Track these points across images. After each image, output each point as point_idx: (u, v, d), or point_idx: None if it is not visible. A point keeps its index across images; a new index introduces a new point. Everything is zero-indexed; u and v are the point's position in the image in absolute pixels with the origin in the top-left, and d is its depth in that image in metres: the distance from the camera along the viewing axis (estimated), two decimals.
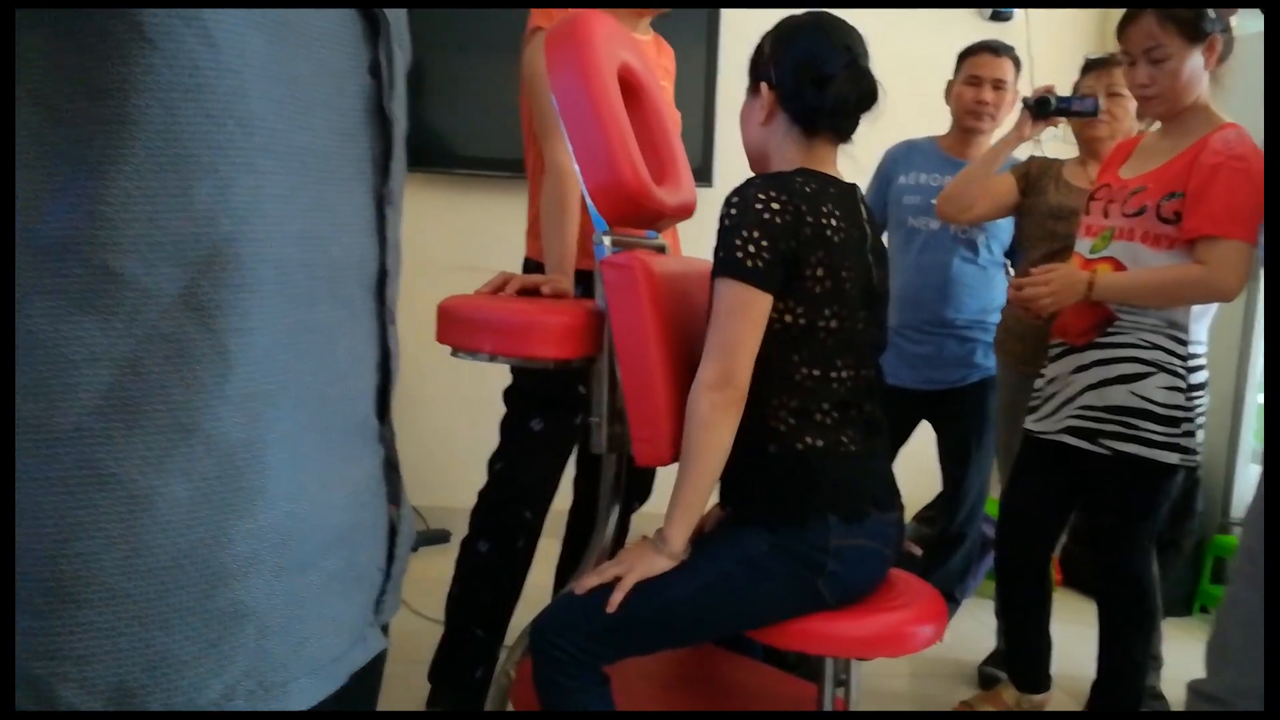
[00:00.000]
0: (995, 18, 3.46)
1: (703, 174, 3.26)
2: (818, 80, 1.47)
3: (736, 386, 1.40)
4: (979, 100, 2.39)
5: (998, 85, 2.38)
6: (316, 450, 0.66)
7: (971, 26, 3.47)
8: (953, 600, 2.68)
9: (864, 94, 1.49)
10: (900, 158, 2.59)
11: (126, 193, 0.57)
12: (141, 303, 0.57)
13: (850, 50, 1.49)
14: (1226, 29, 1.83)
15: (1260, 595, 1.34)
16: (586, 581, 1.42)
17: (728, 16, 3.26)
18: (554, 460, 1.96)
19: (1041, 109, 2.16)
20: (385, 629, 0.78)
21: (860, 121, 1.53)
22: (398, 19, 0.73)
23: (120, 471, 0.57)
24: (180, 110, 0.57)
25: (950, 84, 2.53)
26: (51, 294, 0.56)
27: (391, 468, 0.78)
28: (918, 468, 3.06)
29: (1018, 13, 3.43)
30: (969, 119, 2.43)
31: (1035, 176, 2.38)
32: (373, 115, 0.70)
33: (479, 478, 3.46)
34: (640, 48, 1.71)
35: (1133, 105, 2.28)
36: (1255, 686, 1.32)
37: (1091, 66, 2.37)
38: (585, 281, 1.87)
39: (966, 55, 2.48)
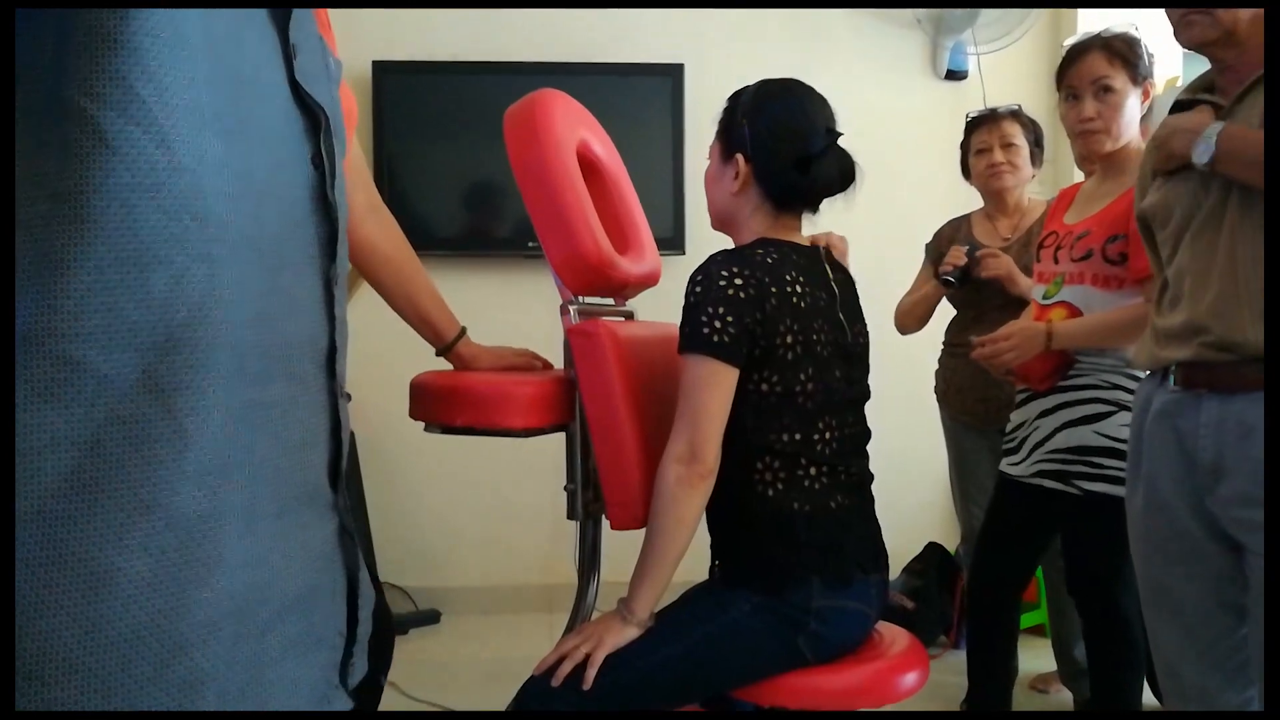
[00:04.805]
0: (950, 77, 3.57)
1: (675, 243, 3.33)
2: (800, 162, 1.46)
3: (704, 461, 1.41)
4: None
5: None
6: (272, 520, 0.68)
7: (927, 87, 3.58)
8: None
9: (845, 176, 1.50)
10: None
11: (86, 286, 0.61)
12: (101, 388, 0.61)
13: (831, 132, 1.47)
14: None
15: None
16: (550, 660, 1.41)
17: (692, 86, 3.36)
18: None
19: (953, 284, 2.36)
20: (357, 693, 0.79)
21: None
22: (335, 114, 0.78)
23: (81, 550, 0.59)
24: (137, 208, 0.62)
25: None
26: (16, 384, 0.59)
27: (346, 534, 0.80)
28: (905, 521, 3.08)
29: (972, 71, 3.55)
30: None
31: (947, 246, 2.46)
32: (318, 203, 0.75)
33: (469, 557, 3.48)
34: (597, 127, 1.77)
35: (1026, 153, 2.43)
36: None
37: (981, 121, 2.47)
38: None
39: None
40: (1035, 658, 2.74)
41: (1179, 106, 1.50)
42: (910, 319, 2.57)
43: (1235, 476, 1.36)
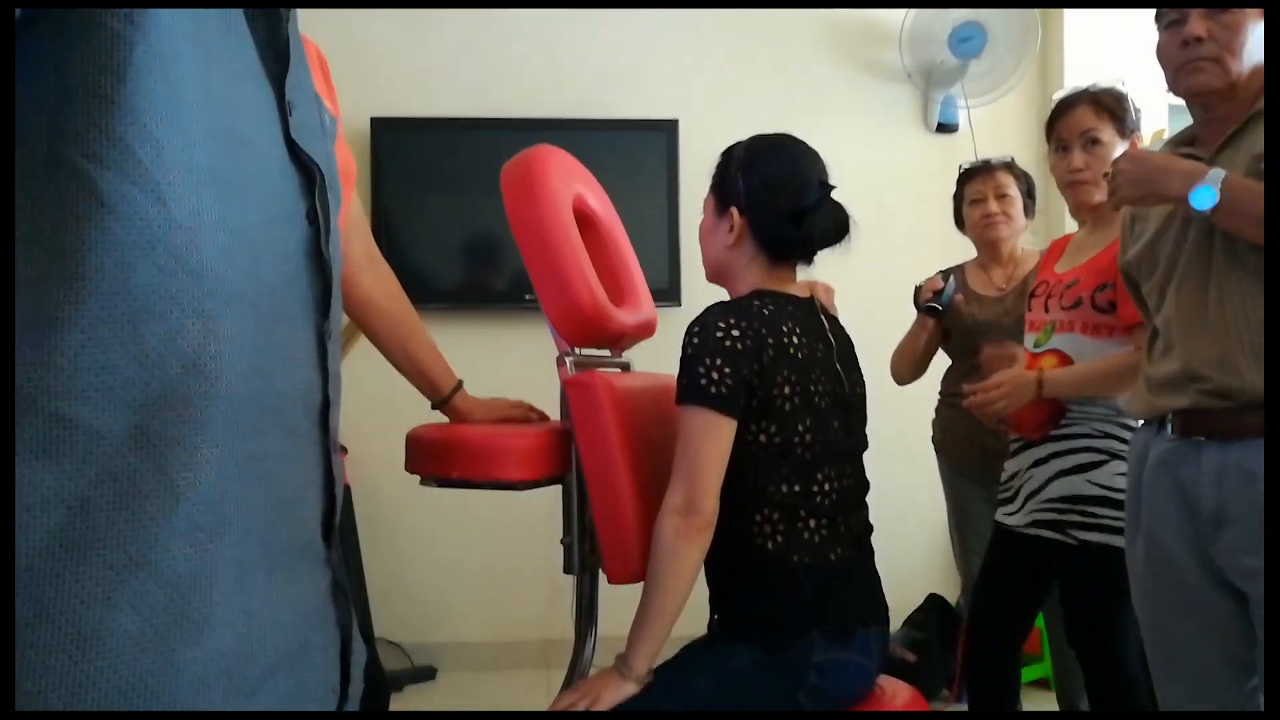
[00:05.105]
0: (940, 130, 3.62)
1: (670, 294, 3.35)
2: (795, 215, 1.48)
3: (701, 513, 1.40)
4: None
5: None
6: (263, 575, 0.68)
7: (918, 140, 3.63)
8: None
9: (840, 228, 1.52)
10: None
11: (80, 344, 0.60)
12: (92, 445, 0.60)
13: (824, 185, 1.49)
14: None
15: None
16: None
17: (686, 141, 3.41)
18: None
19: (939, 311, 2.37)
20: None
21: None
22: (329, 171, 0.79)
23: (69, 609, 0.58)
24: (133, 265, 0.62)
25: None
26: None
27: (339, 590, 0.79)
28: (905, 572, 3.05)
29: (962, 124, 3.60)
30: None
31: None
32: (312, 259, 0.76)
33: (466, 612, 3.44)
34: (593, 181, 1.79)
35: (1020, 204, 2.46)
36: None
37: (975, 172, 2.50)
38: None
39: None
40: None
41: None
42: (904, 362, 2.55)
43: (1239, 524, 1.35)
